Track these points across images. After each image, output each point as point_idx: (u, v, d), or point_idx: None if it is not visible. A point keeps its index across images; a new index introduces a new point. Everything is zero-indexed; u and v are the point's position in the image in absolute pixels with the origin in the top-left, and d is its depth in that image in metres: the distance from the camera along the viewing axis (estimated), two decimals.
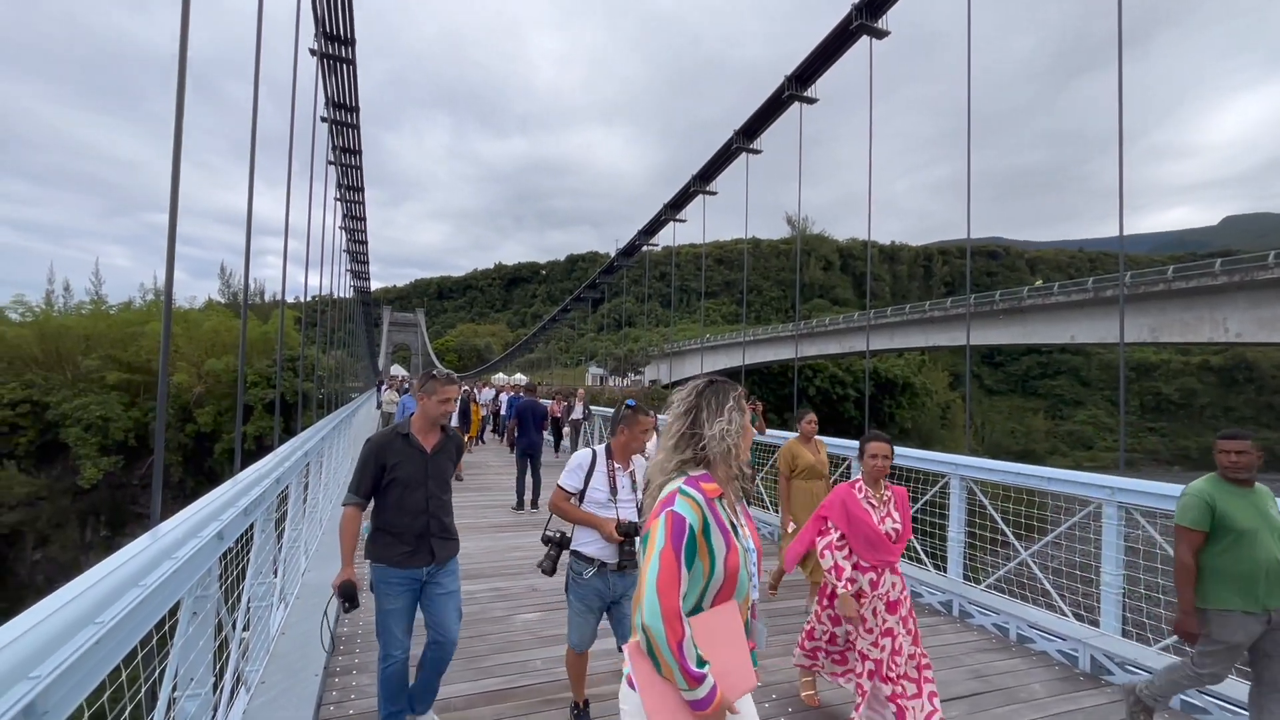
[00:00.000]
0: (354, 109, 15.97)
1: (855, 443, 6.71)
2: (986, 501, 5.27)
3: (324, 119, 15.25)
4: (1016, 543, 5.03)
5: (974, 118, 8.41)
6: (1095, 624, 4.33)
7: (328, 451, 7.79)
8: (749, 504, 7.33)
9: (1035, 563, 4.84)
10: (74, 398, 32.04)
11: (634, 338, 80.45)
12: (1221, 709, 3.55)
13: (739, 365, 53.20)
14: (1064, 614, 4.52)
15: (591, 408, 15.52)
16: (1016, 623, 4.70)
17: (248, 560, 3.47)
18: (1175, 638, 3.94)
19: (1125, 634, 4.21)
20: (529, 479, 9.05)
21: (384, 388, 22.57)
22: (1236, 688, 3.54)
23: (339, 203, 20.98)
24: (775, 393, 65.46)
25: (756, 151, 14.51)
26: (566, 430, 15.46)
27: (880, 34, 10.22)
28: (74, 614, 1.36)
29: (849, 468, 6.70)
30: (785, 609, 5.19)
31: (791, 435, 5.98)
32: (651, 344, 75.24)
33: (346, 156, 18.60)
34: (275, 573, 4.12)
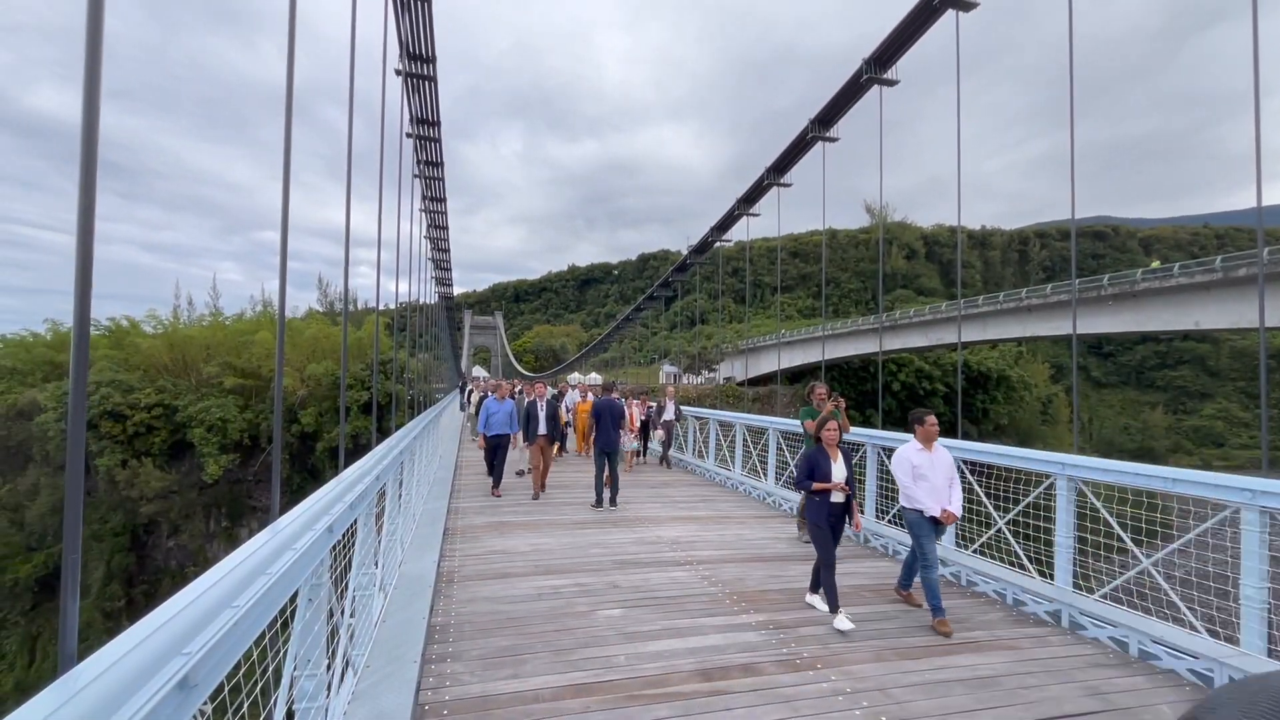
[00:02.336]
0: (436, 123, 16.76)
1: (943, 439, 6.37)
2: (1099, 505, 4.85)
3: (409, 135, 16.10)
4: (1136, 549, 4.61)
5: (1076, 86, 7.75)
6: (1234, 641, 3.89)
7: (418, 450, 8.23)
8: None
9: (1159, 571, 4.41)
10: (197, 401, 35.55)
11: (707, 335, 79.89)
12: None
13: (818, 360, 51.70)
14: (1195, 629, 4.09)
15: (683, 408, 14.38)
16: (1138, 636, 4.30)
17: (352, 552, 3.72)
18: None
19: (1272, 654, 3.76)
20: (607, 475, 9.18)
21: (469, 389, 23.58)
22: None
23: (423, 213, 22.08)
24: (856, 389, 63.10)
25: (833, 140, 14.01)
26: (658, 433, 14.01)
27: (968, 6, 9.59)
28: (216, 597, 1.50)
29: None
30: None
31: (904, 437, 5.89)
32: (725, 341, 74.43)
33: (430, 169, 19.56)
34: (376, 564, 4.39)
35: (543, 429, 9.85)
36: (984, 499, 5.75)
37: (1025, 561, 5.34)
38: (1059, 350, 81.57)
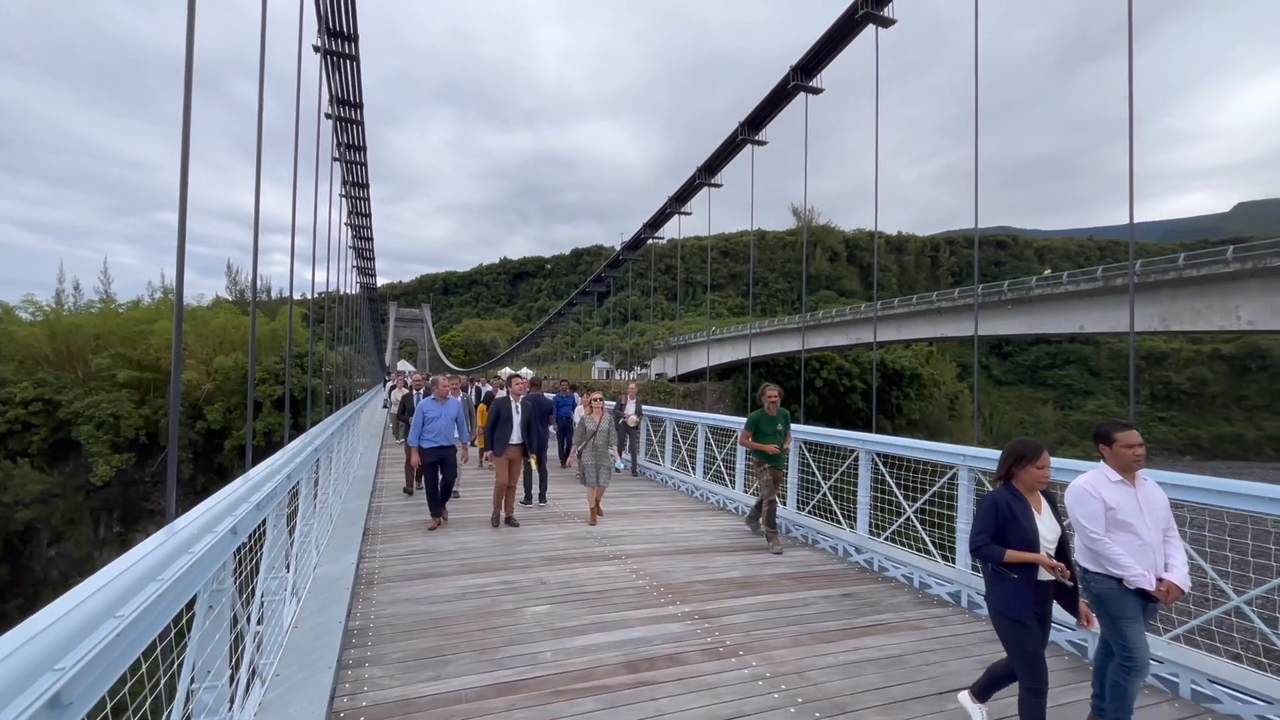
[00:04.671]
0: (358, 105, 15.99)
1: (859, 434, 6.71)
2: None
3: (328, 116, 15.28)
4: None
5: (981, 106, 8.33)
6: None
7: (337, 447, 7.85)
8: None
9: None
10: (85, 396, 32.37)
11: (640, 331, 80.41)
12: (1233, 698, 3.54)
13: (745, 358, 53.13)
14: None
15: (646, 407, 12.37)
16: None
17: (261, 555, 3.51)
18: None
19: None
20: (536, 473, 9.08)
21: (390, 384, 22.67)
22: (1250, 676, 3.54)
23: (344, 199, 21.03)
24: (782, 385, 65.13)
25: (762, 143, 14.42)
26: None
27: (886, 22, 10.11)
28: (96, 607, 1.38)
29: (856, 459, 6.69)
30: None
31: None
32: (657, 337, 75.18)
33: (351, 153, 18.64)
34: (288, 567, 4.16)
35: (516, 437, 7.64)
36: (895, 489, 6.11)
37: (930, 547, 5.71)
38: (964, 350, 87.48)
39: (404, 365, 76.37)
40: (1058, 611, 3.28)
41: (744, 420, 9.13)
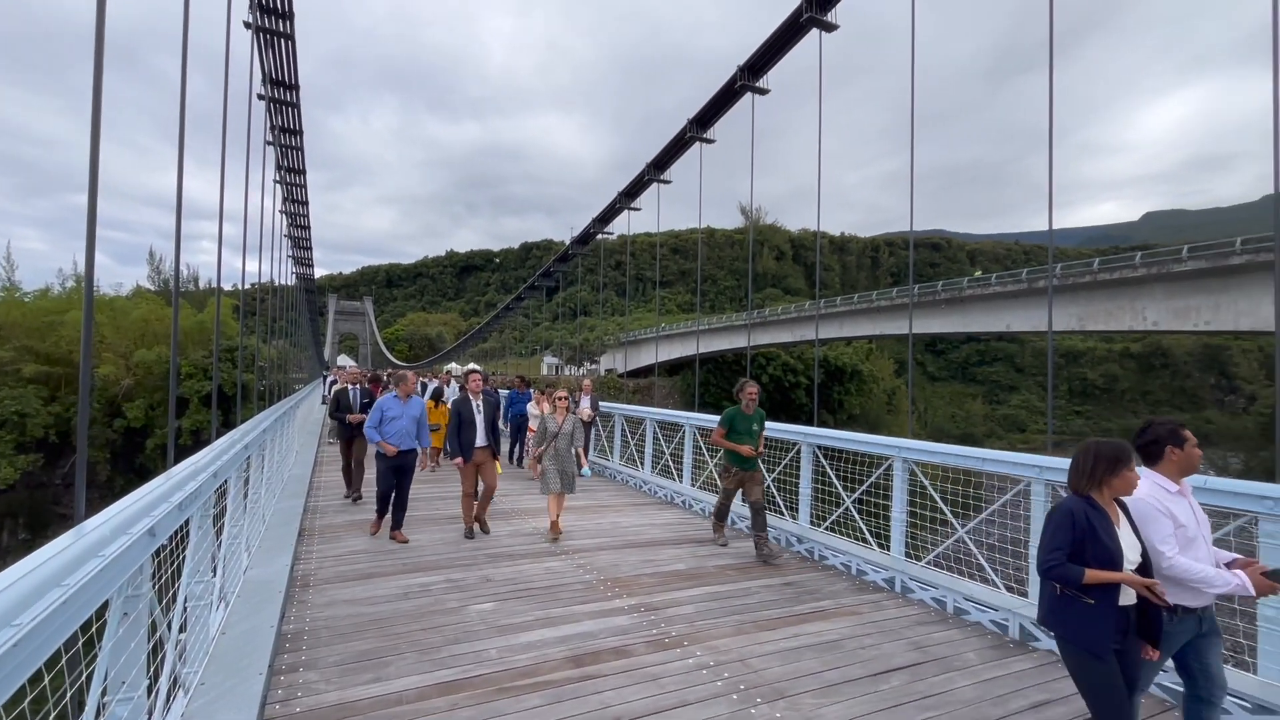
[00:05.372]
0: (294, 86, 15.25)
1: (802, 427, 6.90)
2: (927, 482, 5.51)
3: (261, 97, 14.51)
4: (954, 520, 5.29)
5: (918, 114, 8.68)
6: (1024, 595, 4.60)
7: (270, 444, 7.50)
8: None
9: (971, 539, 5.10)
10: None
11: (589, 326, 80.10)
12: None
13: (693, 354, 53.75)
14: (996, 587, 4.79)
15: (604, 405, 11.91)
16: (954, 596, 4.95)
17: (184, 558, 3.32)
18: None
19: None
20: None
21: (331, 379, 21.78)
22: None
23: (279, 185, 20.05)
24: (730, 381, 66.36)
25: (710, 141, 14.60)
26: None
27: (829, 27, 10.40)
28: None
29: (798, 452, 6.88)
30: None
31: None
32: (607, 333, 75.09)
33: (286, 137, 17.77)
34: (214, 571, 3.96)
35: (482, 439, 6.94)
36: (835, 480, 6.32)
37: (867, 535, 5.94)
38: (901, 347, 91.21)
39: (345, 360, 73.62)
40: None
41: (689, 416, 9.27)
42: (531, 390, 12.05)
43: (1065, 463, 4.48)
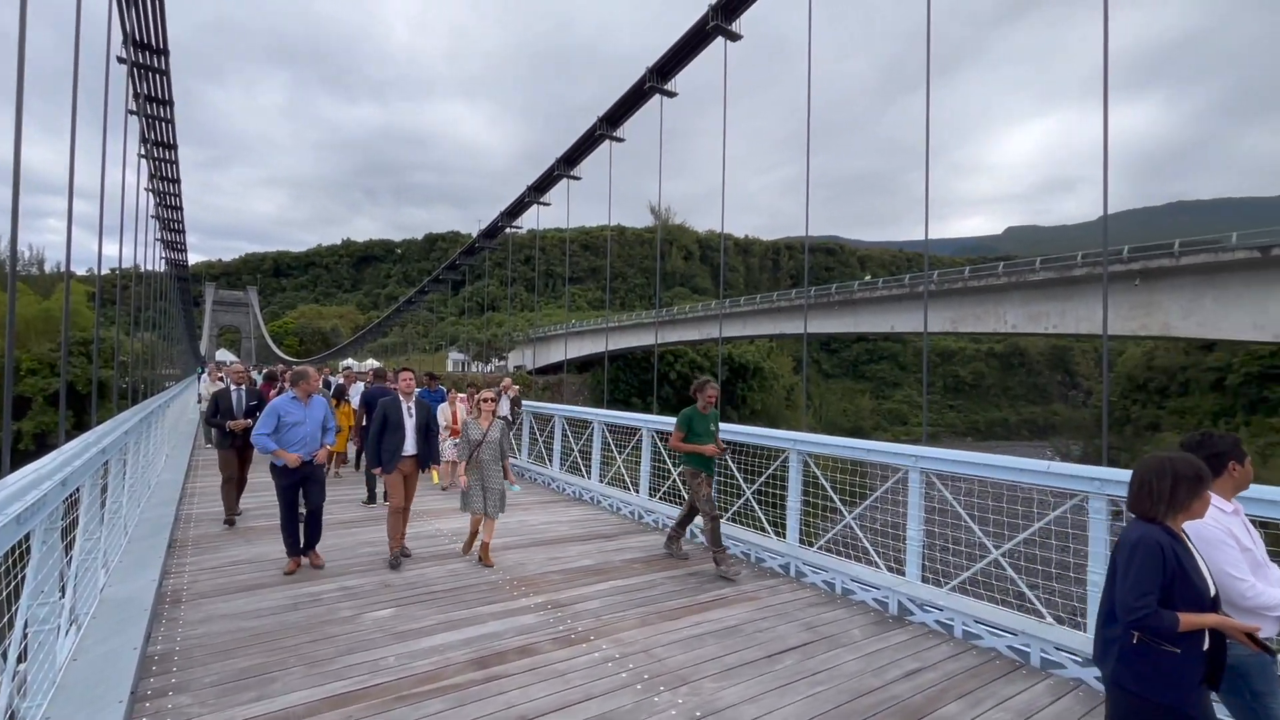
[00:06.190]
0: (162, 51, 13.75)
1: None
2: (819, 473, 5.89)
3: (122, 60, 12.99)
4: (843, 508, 5.69)
5: (816, 126, 9.21)
6: (902, 574, 5.04)
7: (135, 448, 6.75)
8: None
9: (857, 525, 5.51)
10: None
11: (497, 322, 78.22)
12: (991, 634, 4.31)
13: (602, 351, 53.93)
14: (879, 567, 5.21)
15: (530, 404, 11.40)
16: (841, 578, 5.33)
17: (24, 578, 2.94)
18: (963, 578, 4.72)
19: (924, 580, 4.95)
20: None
21: (205, 376, 19.87)
22: (1003, 615, 4.33)
23: (144, 160, 18.01)
24: (639, 378, 67.31)
25: (620, 139, 14.71)
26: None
27: (734, 36, 10.81)
28: None
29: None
30: None
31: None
32: (516, 329, 73.66)
33: (153, 107, 15.99)
34: (63, 591, 3.53)
35: (411, 446, 5.94)
36: (736, 473, 6.60)
37: (765, 524, 6.26)
38: (799, 346, 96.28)
39: (225, 355, 67.48)
40: None
41: (599, 413, 9.32)
42: (443, 389, 11.10)
43: (938, 453, 4.99)
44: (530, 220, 23.49)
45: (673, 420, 7.85)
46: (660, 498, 7.83)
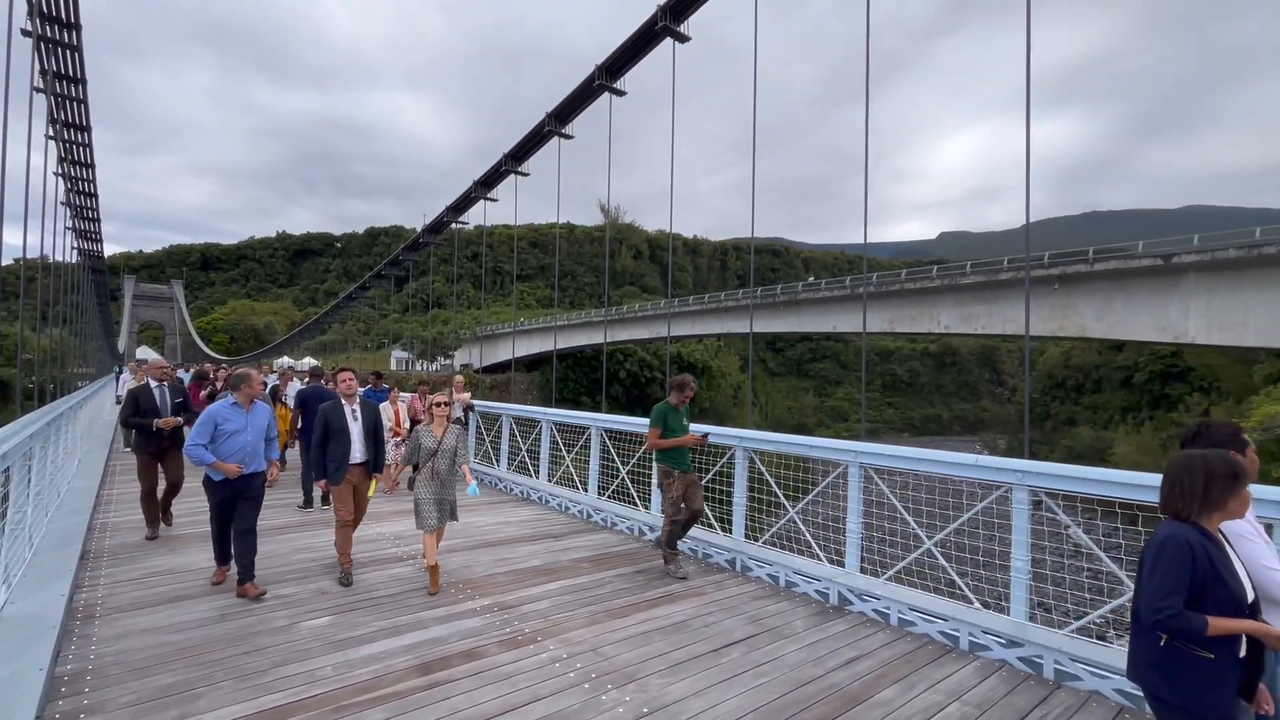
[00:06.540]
0: (73, 25, 12.77)
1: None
2: (764, 469, 6.02)
3: (26, 33, 11.98)
4: (787, 503, 5.84)
5: (763, 131, 9.41)
6: (843, 565, 5.22)
7: (41, 453, 6.25)
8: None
9: (801, 519, 5.67)
10: None
11: (443, 320, 76.35)
12: (926, 621, 4.52)
13: (551, 350, 53.50)
14: (820, 559, 5.38)
15: (478, 403, 10.74)
16: (785, 571, 5.47)
17: None
18: (899, 568, 4.92)
19: (863, 571, 5.14)
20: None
21: (124, 374, 18.58)
22: (937, 602, 4.54)
23: (52, 141, 16.70)
24: (589, 376, 67.10)
25: (568, 136, 14.62)
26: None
27: (682, 38, 10.92)
28: None
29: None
30: None
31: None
32: (462, 326, 72.09)
33: (63, 85, 14.84)
34: None
35: (358, 453, 5.49)
36: None
37: (712, 520, 6.36)
38: (746, 345, 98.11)
39: (146, 353, 63.31)
40: (1107, 658, 3.63)
41: (547, 412, 9.24)
42: (388, 388, 10.18)
43: (877, 448, 5.19)
44: (477, 216, 23.05)
45: (624, 418, 7.93)
46: (609, 496, 7.83)
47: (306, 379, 10.57)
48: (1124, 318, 28.41)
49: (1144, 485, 3.72)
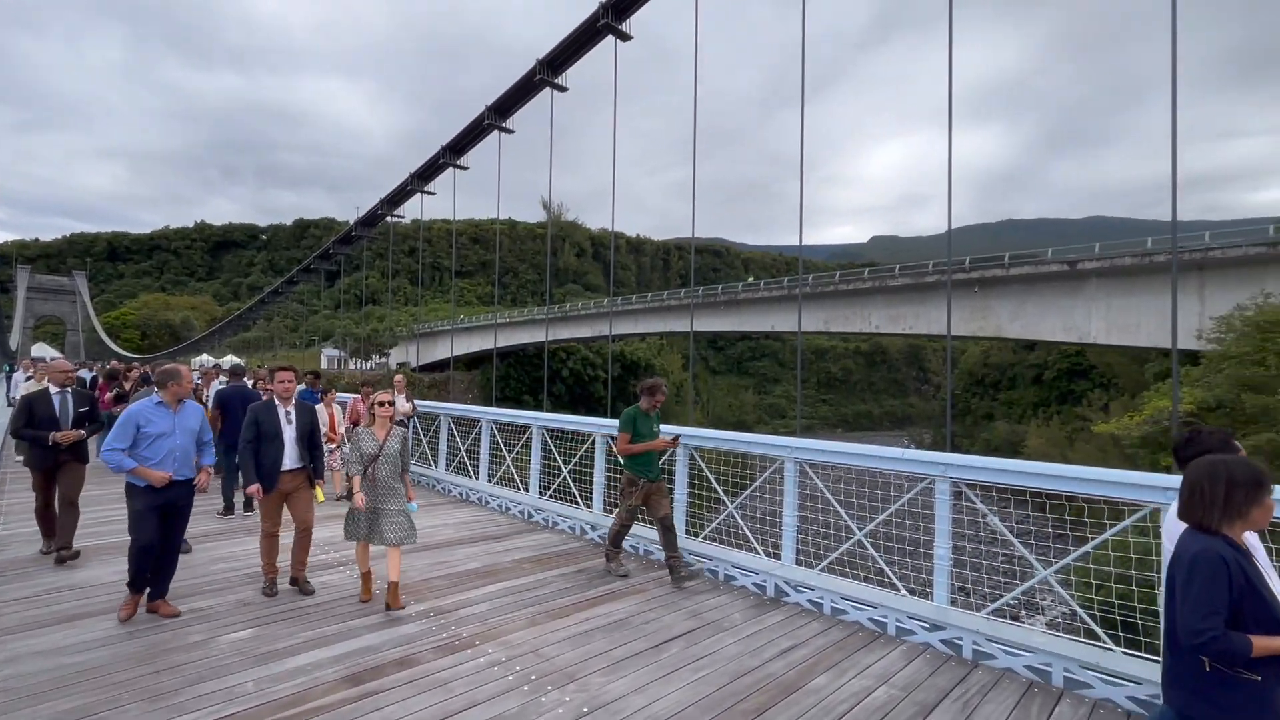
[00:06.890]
0: None
1: (596, 419, 7.17)
2: (704, 465, 6.11)
3: None
4: (726, 498, 5.95)
5: (703, 132, 9.52)
6: (779, 558, 5.36)
7: None
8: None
9: (739, 513, 5.80)
10: None
11: (378, 316, 73.51)
12: (857, 609, 4.71)
13: (492, 348, 52.47)
14: (758, 553, 5.51)
15: (419, 403, 10.25)
16: (724, 565, 5.58)
17: None
18: (835, 558, 5.09)
19: (799, 563, 5.30)
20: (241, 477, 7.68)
21: (18, 373, 16.95)
22: (866, 591, 4.74)
23: None
24: (531, 375, 66.20)
25: (509, 131, 14.36)
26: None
27: (624, 36, 10.94)
28: None
29: (593, 444, 7.12)
30: None
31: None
32: (399, 324, 69.63)
33: None
34: None
35: (292, 459, 5.09)
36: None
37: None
38: (688, 343, 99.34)
39: (44, 350, 58.04)
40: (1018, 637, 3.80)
41: (487, 411, 9.06)
42: (322, 389, 9.59)
43: (811, 443, 5.36)
44: (414, 209, 22.31)
45: (567, 417, 7.87)
46: (551, 496, 7.76)
47: (225, 378, 9.87)
48: (1035, 319, 30.47)
49: (1053, 475, 4.02)
